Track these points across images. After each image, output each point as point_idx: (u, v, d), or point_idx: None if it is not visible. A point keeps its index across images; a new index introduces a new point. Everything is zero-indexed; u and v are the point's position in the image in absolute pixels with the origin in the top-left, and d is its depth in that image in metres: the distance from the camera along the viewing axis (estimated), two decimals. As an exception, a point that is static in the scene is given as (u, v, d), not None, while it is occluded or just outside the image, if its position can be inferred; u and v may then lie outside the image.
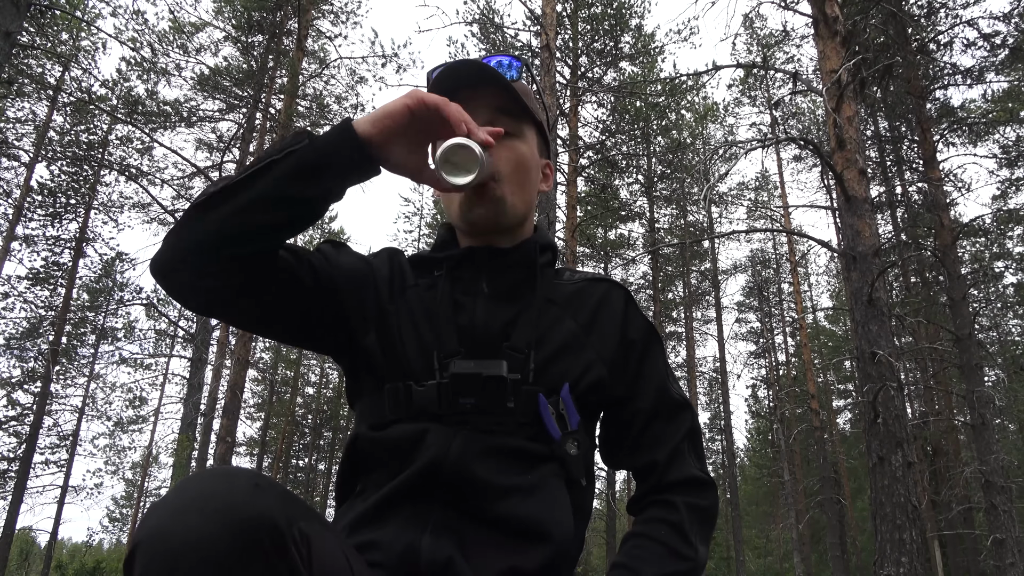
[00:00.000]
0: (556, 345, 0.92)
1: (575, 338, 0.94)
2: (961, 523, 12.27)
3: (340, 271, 0.95)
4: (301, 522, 0.60)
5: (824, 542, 19.68)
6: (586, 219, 16.69)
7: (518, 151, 0.95)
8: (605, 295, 0.99)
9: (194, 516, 0.55)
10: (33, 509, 34.56)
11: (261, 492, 0.58)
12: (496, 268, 0.97)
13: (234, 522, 0.55)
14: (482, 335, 0.91)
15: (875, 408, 5.39)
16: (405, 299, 0.97)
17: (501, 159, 0.93)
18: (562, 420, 0.88)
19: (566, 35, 14.66)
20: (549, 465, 0.88)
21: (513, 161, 0.94)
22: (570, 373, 0.91)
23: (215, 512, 0.55)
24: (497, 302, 0.94)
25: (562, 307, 0.96)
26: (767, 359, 24.12)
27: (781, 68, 14.02)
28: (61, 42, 12.66)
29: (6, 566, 15.25)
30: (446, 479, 0.84)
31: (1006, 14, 10.51)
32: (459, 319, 0.93)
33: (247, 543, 0.54)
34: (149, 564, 0.54)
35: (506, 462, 0.86)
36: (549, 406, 0.88)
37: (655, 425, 0.97)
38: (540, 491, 0.85)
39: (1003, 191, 13.55)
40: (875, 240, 5.87)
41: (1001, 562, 8.34)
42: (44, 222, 15.51)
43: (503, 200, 0.94)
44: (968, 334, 9.36)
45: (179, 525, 0.54)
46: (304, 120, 13.78)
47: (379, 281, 0.98)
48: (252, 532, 0.55)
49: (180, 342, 20.68)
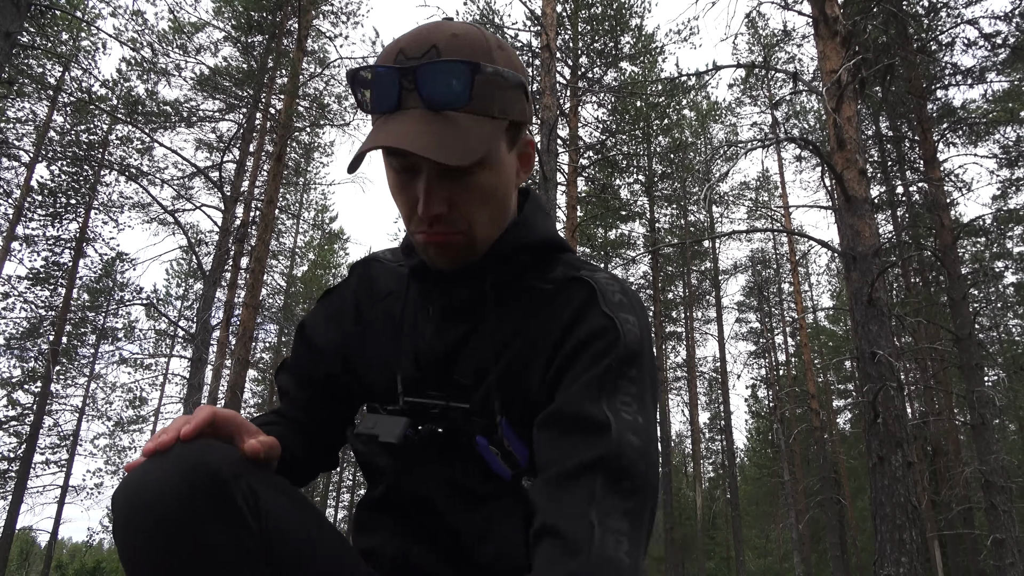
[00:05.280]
0: (500, 371, 0.81)
1: (523, 359, 0.80)
2: (961, 523, 12.26)
3: (324, 359, 0.95)
4: (251, 479, 0.67)
5: (824, 542, 19.69)
6: (586, 219, 16.69)
7: (482, 187, 0.77)
8: (566, 298, 0.80)
9: (151, 467, 0.65)
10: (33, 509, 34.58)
11: (211, 450, 0.67)
12: (445, 289, 0.85)
13: (183, 468, 0.64)
14: (426, 362, 0.85)
15: (875, 408, 5.39)
16: (371, 316, 0.93)
17: (463, 204, 0.77)
18: (510, 457, 0.79)
19: (566, 35, 14.66)
20: (503, 501, 0.81)
21: (478, 199, 0.78)
22: (513, 403, 0.80)
23: (167, 462, 0.65)
24: (446, 323, 0.85)
25: (521, 319, 0.82)
26: (767, 359, 24.12)
27: (782, 68, 14.02)
28: (61, 42, 12.66)
29: (6, 566, 15.25)
30: (408, 500, 0.85)
31: (1007, 14, 10.50)
32: (414, 339, 0.87)
33: (193, 484, 0.63)
34: (117, 511, 0.64)
35: (459, 498, 0.82)
36: (491, 447, 0.79)
37: (549, 442, 0.71)
38: (489, 533, 0.81)
39: (1003, 191, 13.56)
40: (875, 240, 5.87)
41: (1001, 562, 8.34)
42: (44, 222, 15.52)
43: (472, 246, 0.80)
44: (968, 334, 9.36)
45: (139, 476, 0.64)
46: (304, 120, 13.79)
47: (344, 317, 0.95)
48: (199, 476, 0.64)
49: (180, 342, 20.73)
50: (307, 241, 22.40)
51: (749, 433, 27.37)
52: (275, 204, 12.57)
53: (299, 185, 20.00)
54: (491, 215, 0.80)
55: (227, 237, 11.41)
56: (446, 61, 0.72)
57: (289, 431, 0.91)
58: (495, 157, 0.78)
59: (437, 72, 0.72)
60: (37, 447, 15.98)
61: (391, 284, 0.93)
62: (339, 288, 0.99)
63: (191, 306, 21.19)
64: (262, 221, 11.95)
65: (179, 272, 21.77)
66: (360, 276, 0.97)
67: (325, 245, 22.60)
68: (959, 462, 13.17)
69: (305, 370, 0.96)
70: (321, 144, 16.82)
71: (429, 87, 0.72)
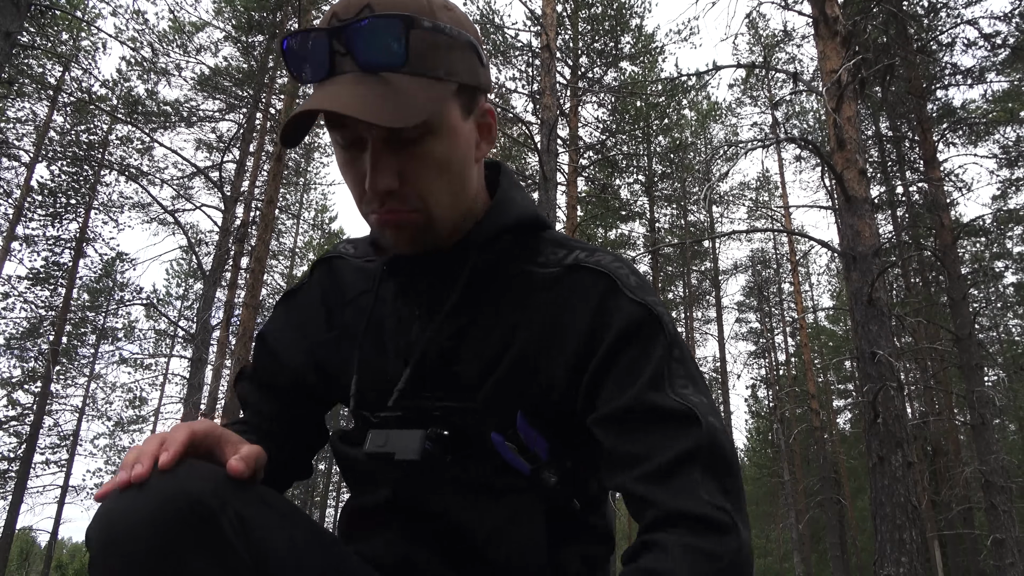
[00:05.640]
0: (510, 364, 0.76)
1: (535, 351, 0.76)
2: (961, 523, 12.26)
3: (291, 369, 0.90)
4: (237, 502, 0.63)
5: (824, 542, 19.68)
6: (586, 219, 16.69)
7: (434, 155, 0.72)
8: (577, 288, 0.76)
9: (129, 502, 0.60)
10: (33, 509, 34.64)
11: (192, 478, 0.62)
12: (428, 281, 0.81)
13: (164, 502, 0.59)
14: (419, 362, 0.79)
15: (875, 408, 5.39)
16: (344, 319, 0.87)
17: (415, 178, 0.71)
18: (526, 451, 0.75)
19: (566, 35, 14.66)
20: (523, 497, 0.77)
21: (431, 171, 0.72)
22: (526, 397, 0.76)
23: (147, 496, 0.60)
24: (436, 319, 0.79)
25: (521, 308, 0.77)
26: (767, 359, 24.11)
27: (782, 68, 14.02)
28: (61, 42, 12.66)
29: (6, 566, 15.25)
30: (403, 509, 0.81)
31: (1007, 14, 10.52)
32: (398, 338, 0.81)
33: (176, 520, 0.59)
34: (93, 549, 0.60)
35: (472, 498, 0.78)
36: (507, 443, 0.75)
37: (632, 437, 0.70)
38: (504, 532, 0.78)
39: (1003, 191, 13.56)
40: (875, 240, 5.87)
41: (1001, 562, 8.34)
42: (44, 222, 15.52)
43: (430, 227, 0.74)
44: (968, 334, 9.36)
45: (117, 511, 0.60)
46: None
47: (310, 323, 0.90)
48: (182, 511, 0.59)
49: (180, 342, 20.71)
50: (307, 241, 22.41)
51: (749, 433, 27.37)
52: (275, 204, 12.57)
53: (299, 185, 20.02)
54: (448, 190, 0.74)
55: (227, 237, 11.41)
56: (377, 16, 0.66)
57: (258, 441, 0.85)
58: (445, 123, 0.72)
59: (368, 31, 0.66)
60: (37, 447, 15.99)
61: (360, 283, 0.87)
62: (301, 292, 0.93)
63: (191, 306, 21.20)
64: (262, 221, 11.95)
65: (179, 272, 21.77)
66: (325, 277, 0.91)
67: (325, 245, 22.60)
68: (959, 462, 13.17)
69: (269, 380, 0.91)
70: (321, 144, 16.84)
71: (361, 47, 0.67)
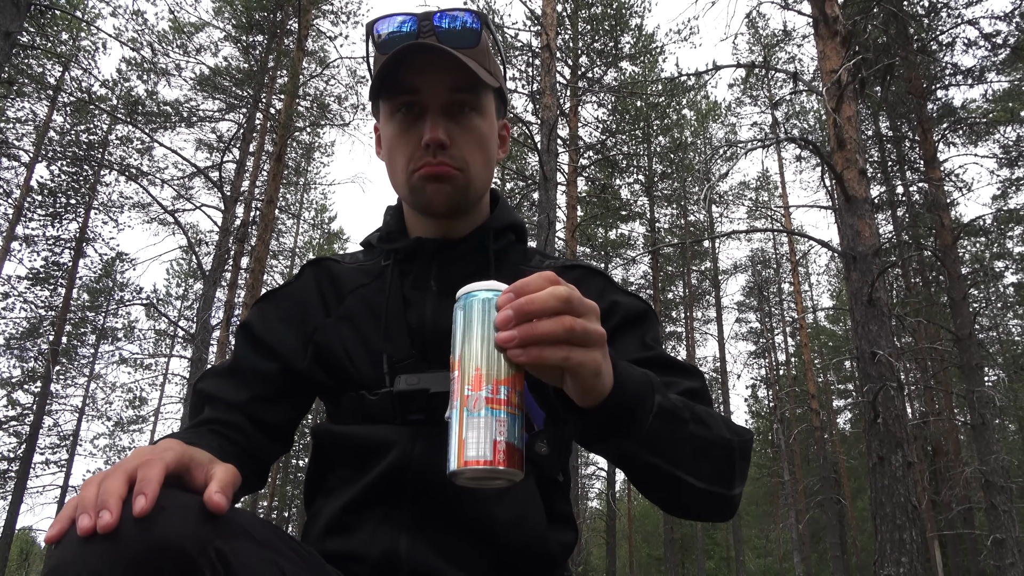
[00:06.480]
0: None
1: None
2: (961, 523, 12.26)
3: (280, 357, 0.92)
4: (218, 541, 0.54)
5: (824, 542, 19.68)
6: (586, 219, 16.70)
7: (478, 130, 0.88)
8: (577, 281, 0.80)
9: (94, 555, 0.50)
10: (33, 509, 34.64)
11: (168, 523, 0.53)
12: (446, 260, 0.91)
13: (139, 559, 0.50)
14: (432, 336, 0.87)
15: (875, 408, 5.39)
16: (344, 307, 0.92)
17: (462, 144, 0.87)
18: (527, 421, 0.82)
19: (566, 35, 14.65)
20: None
21: (474, 142, 0.88)
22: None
23: (117, 550, 0.50)
24: (448, 298, 0.78)
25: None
26: (767, 359, 24.12)
27: (782, 68, 14.01)
28: (61, 42, 12.64)
29: (6, 566, 15.25)
30: (412, 481, 0.82)
31: (1007, 14, 10.51)
32: (409, 317, 0.89)
33: (148, 572, 0.50)
34: None
35: None
36: None
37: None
38: (509, 493, 0.80)
39: (1003, 191, 13.56)
40: (875, 240, 5.87)
41: (1001, 562, 8.34)
42: (44, 222, 15.53)
43: (466, 188, 0.88)
44: (968, 334, 9.36)
45: (78, 567, 0.50)
46: (304, 120, 13.79)
47: (308, 309, 0.94)
48: (159, 567, 0.51)
49: (180, 342, 20.71)
50: (307, 241, 22.40)
51: (749, 433, 27.36)
52: (275, 204, 12.57)
53: (299, 185, 20.00)
54: (483, 162, 0.90)
55: (227, 237, 11.41)
56: (461, 8, 0.86)
57: (228, 440, 0.86)
58: (487, 110, 0.90)
59: (452, 15, 0.85)
60: (37, 447, 15.99)
61: (357, 279, 0.95)
62: (289, 288, 0.98)
63: (191, 306, 21.20)
64: (262, 221, 11.95)
65: (179, 272, 21.78)
66: (318, 273, 0.98)
67: (325, 245, 22.60)
68: (959, 462, 13.17)
69: (252, 371, 0.92)
70: (321, 144, 16.82)
71: (446, 25, 0.85)
